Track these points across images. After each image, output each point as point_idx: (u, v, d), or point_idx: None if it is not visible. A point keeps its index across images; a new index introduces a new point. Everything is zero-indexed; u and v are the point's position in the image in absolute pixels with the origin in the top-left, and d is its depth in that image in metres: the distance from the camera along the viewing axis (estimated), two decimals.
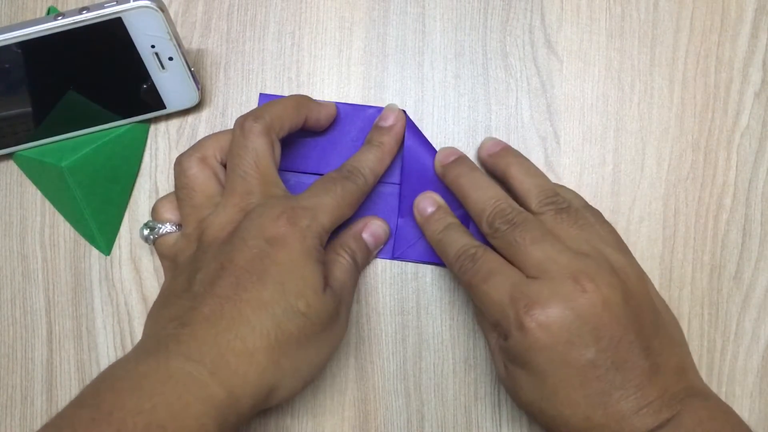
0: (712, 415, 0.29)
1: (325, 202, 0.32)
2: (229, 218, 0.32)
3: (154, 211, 0.35)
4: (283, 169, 0.38)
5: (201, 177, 0.33)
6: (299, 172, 0.38)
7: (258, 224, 0.30)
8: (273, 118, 0.33)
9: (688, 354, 0.32)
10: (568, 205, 0.33)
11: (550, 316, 0.29)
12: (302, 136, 0.38)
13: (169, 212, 0.35)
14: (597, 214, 0.34)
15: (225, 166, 0.34)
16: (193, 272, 0.31)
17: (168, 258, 0.34)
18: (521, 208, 0.33)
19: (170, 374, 0.27)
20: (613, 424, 0.29)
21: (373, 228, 0.37)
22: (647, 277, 0.33)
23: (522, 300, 0.30)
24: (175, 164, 0.34)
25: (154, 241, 0.35)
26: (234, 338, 0.28)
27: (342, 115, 0.38)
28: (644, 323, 0.30)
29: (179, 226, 0.34)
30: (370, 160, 0.35)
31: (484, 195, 0.34)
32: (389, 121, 0.36)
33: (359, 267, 0.36)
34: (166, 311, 0.30)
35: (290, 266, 0.30)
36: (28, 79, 0.35)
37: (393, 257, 0.38)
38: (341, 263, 0.34)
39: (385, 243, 0.38)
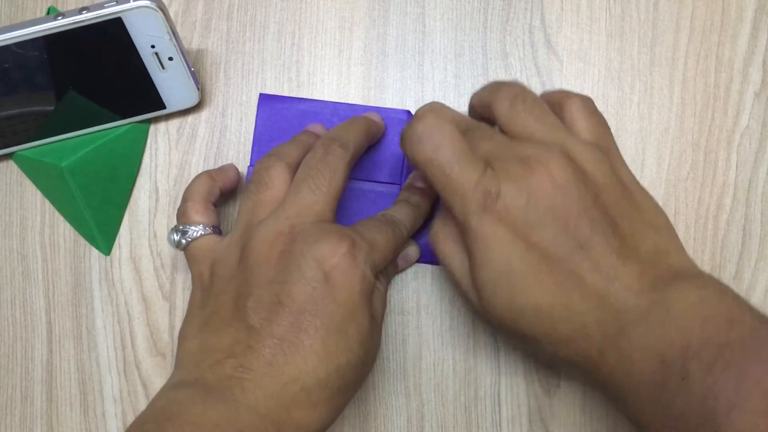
0: (705, 296, 0.26)
1: (378, 240, 0.31)
2: (278, 231, 0.30)
3: (183, 215, 0.33)
4: None
5: (280, 178, 0.32)
6: None
7: (315, 251, 0.29)
8: (356, 148, 0.33)
9: (672, 237, 0.30)
10: (522, 94, 0.31)
11: (505, 201, 0.28)
12: None
13: (200, 214, 0.33)
14: (586, 107, 0.32)
15: None
16: (242, 297, 0.29)
17: (204, 263, 0.32)
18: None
19: (240, 429, 0.26)
20: (594, 309, 0.27)
21: (408, 252, 0.37)
22: (617, 162, 0.31)
23: (477, 189, 0.28)
24: (256, 164, 0.33)
25: (186, 246, 0.33)
26: (299, 391, 0.28)
27: (343, 116, 0.38)
28: (607, 203, 0.28)
29: (213, 228, 0.33)
30: (410, 217, 0.34)
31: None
32: (424, 183, 0.36)
33: None
34: (216, 339, 0.29)
35: (351, 309, 0.29)
36: (28, 79, 0.35)
37: None
38: (381, 291, 0.33)
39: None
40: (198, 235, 0.32)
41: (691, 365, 0.24)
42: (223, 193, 0.35)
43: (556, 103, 0.32)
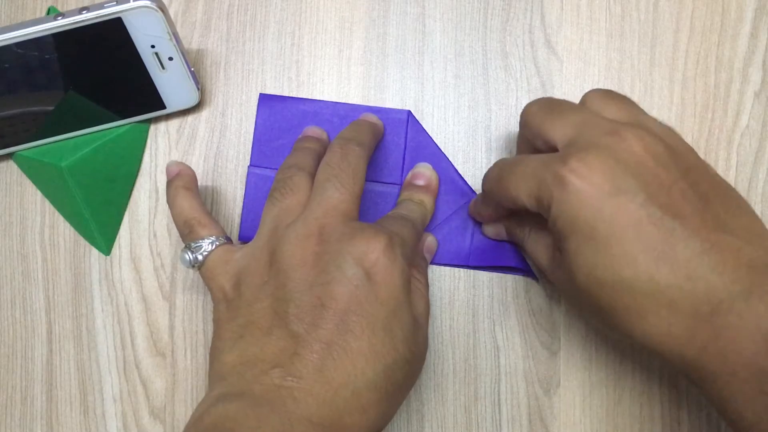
0: None
1: (405, 234, 0.31)
2: (309, 233, 0.29)
3: (190, 233, 0.32)
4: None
5: (305, 185, 0.31)
6: None
7: (354, 249, 0.28)
8: (370, 147, 0.33)
9: (759, 220, 0.28)
10: (613, 92, 0.31)
11: (590, 165, 0.26)
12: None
13: (206, 228, 0.32)
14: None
15: None
16: (281, 302, 0.28)
17: (223, 275, 0.31)
18: None
19: None
20: (684, 282, 0.25)
21: (428, 243, 0.36)
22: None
23: (558, 159, 0.27)
24: (277, 175, 0.32)
25: (203, 261, 0.31)
26: (350, 396, 0.27)
27: (343, 116, 0.38)
28: (698, 181, 0.27)
29: (225, 238, 0.32)
30: (419, 214, 0.35)
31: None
32: (423, 180, 0.36)
33: None
34: (256, 349, 0.28)
35: (394, 307, 0.28)
36: (28, 79, 0.35)
37: None
38: (420, 290, 0.32)
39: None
40: (213, 247, 0.31)
41: None
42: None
43: (617, 95, 0.32)
